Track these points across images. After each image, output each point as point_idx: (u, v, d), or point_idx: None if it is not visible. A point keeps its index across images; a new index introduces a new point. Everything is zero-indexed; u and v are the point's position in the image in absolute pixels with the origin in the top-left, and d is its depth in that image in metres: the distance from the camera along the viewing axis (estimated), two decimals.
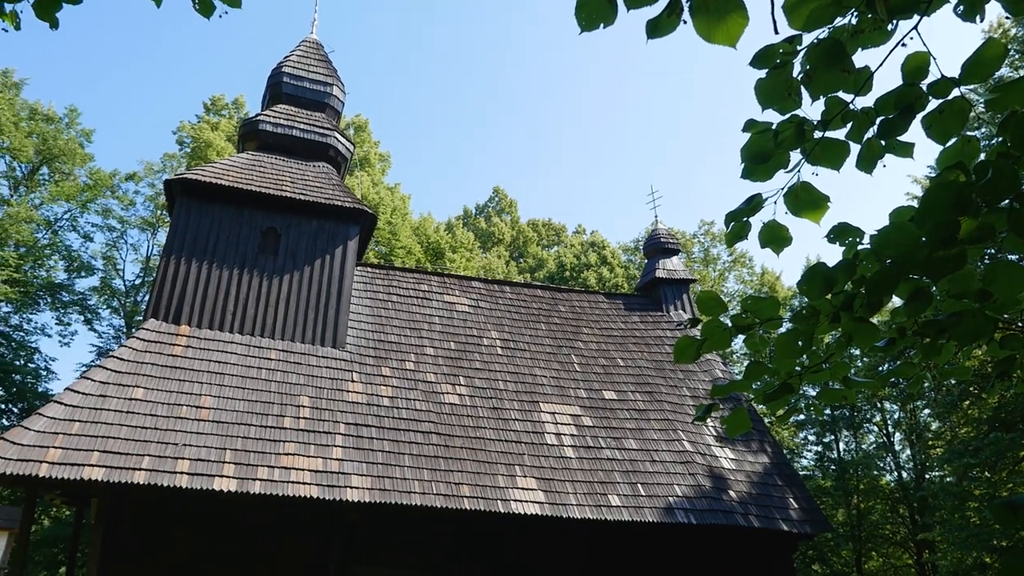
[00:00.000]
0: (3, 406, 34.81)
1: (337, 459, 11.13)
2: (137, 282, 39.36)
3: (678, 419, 14.11)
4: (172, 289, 13.03)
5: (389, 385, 13.02)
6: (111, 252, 40.10)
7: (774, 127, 2.77)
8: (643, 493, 12.17)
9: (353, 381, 12.84)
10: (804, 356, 3.14)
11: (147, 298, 23.39)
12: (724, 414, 13.09)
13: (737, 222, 3.00)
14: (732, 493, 12.73)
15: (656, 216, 19.82)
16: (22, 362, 34.89)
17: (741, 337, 3.19)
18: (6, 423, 33.42)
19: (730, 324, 3.09)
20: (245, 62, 78.55)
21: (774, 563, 13.26)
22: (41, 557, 30.52)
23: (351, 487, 10.72)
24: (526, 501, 11.42)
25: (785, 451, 22.23)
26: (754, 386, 3.36)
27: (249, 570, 11.20)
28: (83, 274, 38.70)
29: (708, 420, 14.07)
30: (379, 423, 12.08)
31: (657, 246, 18.87)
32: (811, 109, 3.08)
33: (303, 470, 10.75)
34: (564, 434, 13.07)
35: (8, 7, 3.43)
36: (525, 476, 11.90)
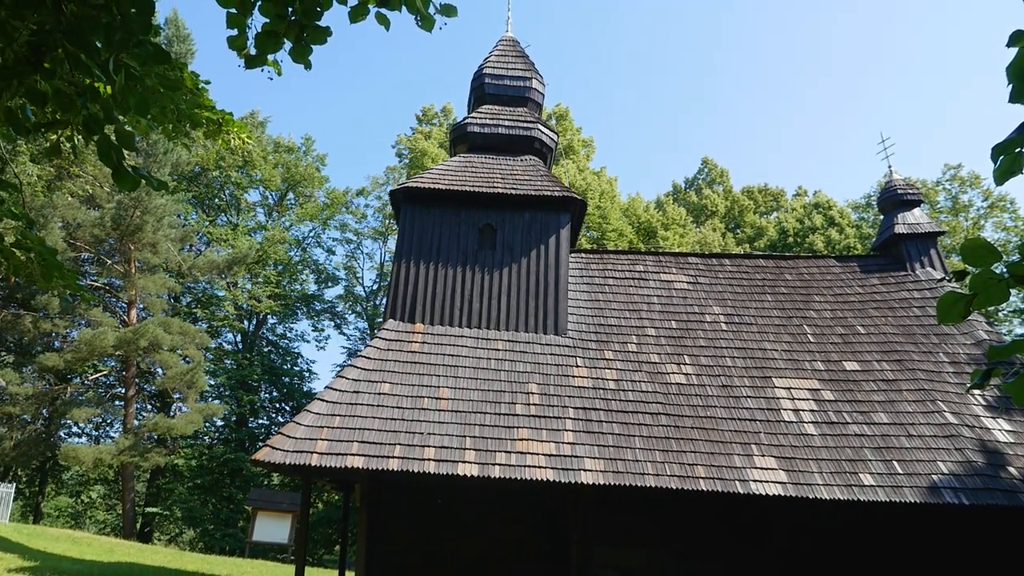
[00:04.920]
0: (278, 405, 40.01)
1: (569, 443, 11.34)
2: (375, 287, 43.19)
3: (936, 388, 12.66)
4: (405, 291, 14.06)
5: (613, 368, 13.03)
6: (351, 262, 44.35)
7: None
8: (900, 471, 11.07)
9: (577, 366, 13.00)
10: None
11: (384, 301, 25.55)
12: (997, 380, 11.52)
13: (1008, 155, 2.56)
14: (1012, 470, 11.17)
15: (890, 167, 17.93)
16: (289, 366, 39.88)
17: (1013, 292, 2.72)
18: (281, 420, 38.33)
19: (1007, 274, 2.65)
20: (450, 69, 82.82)
21: None
22: (318, 536, 34.55)
23: (584, 470, 10.86)
24: (766, 481, 10.85)
25: None
26: None
27: (495, 549, 11.85)
28: (330, 284, 43.30)
29: (975, 389, 12.45)
30: (607, 406, 12.13)
31: (894, 199, 17.06)
32: None
33: (538, 454, 11.09)
34: (802, 410, 12.26)
35: (271, 56, 3.84)
36: (763, 455, 11.32)
